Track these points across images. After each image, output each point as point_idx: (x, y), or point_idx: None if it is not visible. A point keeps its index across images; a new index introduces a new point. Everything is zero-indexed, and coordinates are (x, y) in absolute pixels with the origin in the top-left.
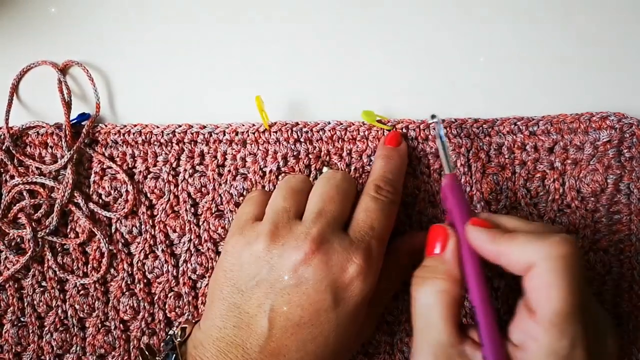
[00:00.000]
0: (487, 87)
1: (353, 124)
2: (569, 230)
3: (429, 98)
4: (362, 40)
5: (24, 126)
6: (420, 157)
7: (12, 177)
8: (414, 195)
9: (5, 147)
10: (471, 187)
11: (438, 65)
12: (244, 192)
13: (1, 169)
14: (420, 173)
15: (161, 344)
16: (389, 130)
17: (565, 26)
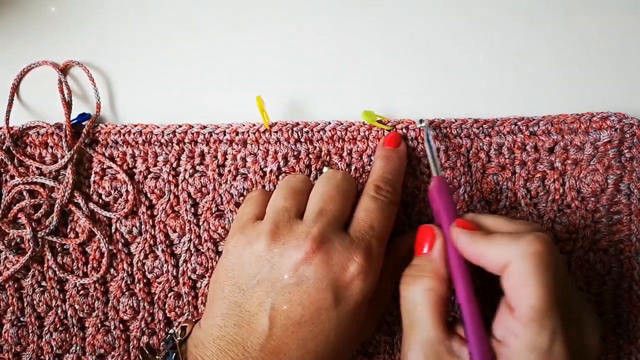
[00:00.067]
0: (487, 87)
1: (353, 124)
2: (569, 231)
3: (429, 98)
4: (362, 40)
5: (24, 126)
6: (420, 158)
7: (12, 177)
8: (413, 195)
9: (5, 147)
10: (471, 187)
11: (438, 65)
12: (244, 192)
13: (1, 169)
14: (419, 173)
15: (161, 343)
16: (389, 130)
17: (565, 26)
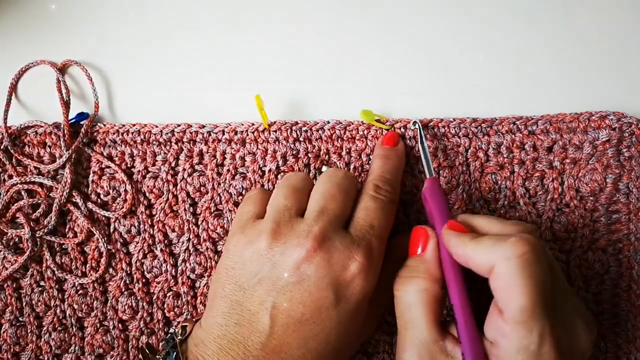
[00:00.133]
0: (487, 87)
1: (352, 123)
2: (568, 230)
3: (428, 98)
4: (362, 40)
5: (22, 125)
6: (418, 157)
7: (11, 177)
8: (412, 194)
9: (3, 147)
10: (470, 186)
11: (438, 65)
12: (243, 192)
13: None
14: (418, 172)
15: (160, 343)
16: (388, 129)
17: (565, 26)
